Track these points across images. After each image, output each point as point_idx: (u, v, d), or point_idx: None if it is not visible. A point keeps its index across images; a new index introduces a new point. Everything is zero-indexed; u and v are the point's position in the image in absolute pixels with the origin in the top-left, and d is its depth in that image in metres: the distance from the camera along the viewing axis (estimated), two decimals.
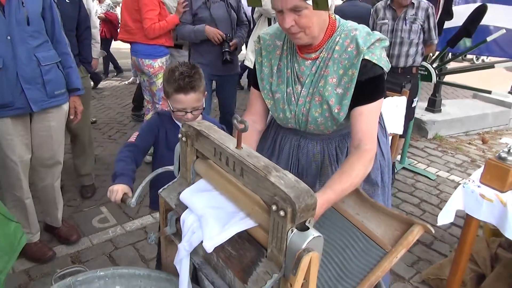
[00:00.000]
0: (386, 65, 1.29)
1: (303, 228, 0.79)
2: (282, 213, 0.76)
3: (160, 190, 1.11)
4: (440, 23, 3.49)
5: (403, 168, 3.78)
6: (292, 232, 0.78)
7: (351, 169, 1.19)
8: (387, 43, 1.31)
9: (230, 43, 3.15)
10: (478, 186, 1.81)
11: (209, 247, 0.90)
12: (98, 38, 3.19)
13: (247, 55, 3.61)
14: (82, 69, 2.77)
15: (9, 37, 1.87)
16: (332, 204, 1.15)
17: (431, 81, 3.60)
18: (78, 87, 2.24)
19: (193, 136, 1.02)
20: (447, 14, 3.42)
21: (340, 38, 1.31)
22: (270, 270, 0.82)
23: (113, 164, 1.50)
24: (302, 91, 1.37)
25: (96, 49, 3.15)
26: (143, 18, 3.15)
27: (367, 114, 1.29)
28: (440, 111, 4.92)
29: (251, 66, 3.68)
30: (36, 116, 2.09)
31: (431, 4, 3.12)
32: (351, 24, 1.33)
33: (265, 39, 1.44)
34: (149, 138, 1.62)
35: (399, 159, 3.86)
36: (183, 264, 1.02)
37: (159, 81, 3.32)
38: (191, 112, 1.53)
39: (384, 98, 1.38)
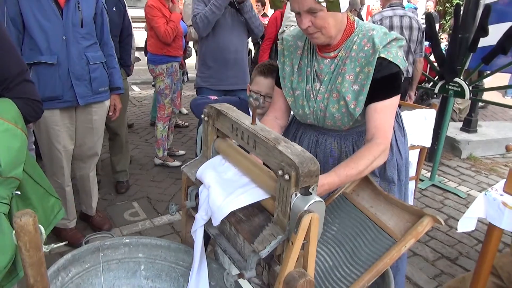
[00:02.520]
0: (402, 64, 1.35)
1: (307, 193, 0.86)
2: (287, 177, 0.84)
3: (183, 166, 1.21)
4: (475, 40, 3.48)
5: (433, 185, 3.72)
6: (295, 196, 0.85)
7: (360, 158, 1.25)
8: (403, 42, 1.38)
9: None
10: (501, 195, 1.80)
11: (215, 222, 1.00)
12: (134, 45, 3.43)
13: None
14: (122, 72, 2.98)
15: (64, 37, 2.09)
16: (335, 187, 1.21)
17: (464, 98, 3.55)
18: (120, 86, 2.45)
19: (214, 116, 1.12)
20: (483, 31, 3.39)
21: (358, 38, 1.39)
22: (275, 233, 0.89)
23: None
24: (321, 88, 1.45)
25: (131, 55, 3.39)
26: (155, 28, 3.48)
27: (381, 110, 1.35)
28: (475, 131, 4.81)
29: None
30: (80, 110, 2.29)
31: None
32: (369, 25, 1.41)
33: (287, 40, 1.54)
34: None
35: (429, 176, 3.81)
36: (197, 233, 1.11)
37: (158, 85, 3.72)
38: (264, 97, 1.75)
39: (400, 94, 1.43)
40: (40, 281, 0.69)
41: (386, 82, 1.35)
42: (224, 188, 1.03)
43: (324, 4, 1.25)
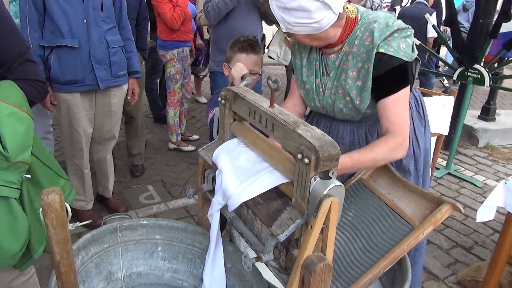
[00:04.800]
0: (407, 55, 1.28)
1: (326, 177, 0.86)
2: (306, 160, 0.83)
3: (200, 149, 1.21)
4: (497, 25, 3.38)
5: (448, 173, 3.67)
6: (315, 180, 0.85)
7: (374, 146, 1.23)
8: (408, 32, 1.30)
9: None
10: None
11: (229, 208, 1.00)
12: (148, 28, 3.42)
13: (272, 48, 3.67)
14: (138, 56, 2.98)
15: (85, 20, 2.10)
16: (347, 169, 1.19)
17: (484, 85, 3.47)
18: (138, 70, 2.46)
19: (231, 99, 1.11)
20: (505, 15, 3.29)
21: (360, 32, 1.33)
22: (293, 217, 0.89)
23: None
24: (328, 83, 1.43)
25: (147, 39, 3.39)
26: (161, 14, 3.43)
27: (391, 105, 1.30)
28: (494, 119, 4.70)
29: (275, 58, 3.71)
30: (100, 93, 2.31)
31: None
32: (372, 16, 1.34)
33: None
34: None
35: (444, 165, 3.76)
36: (214, 217, 1.12)
37: (168, 70, 3.68)
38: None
39: (411, 85, 1.40)
40: (66, 258, 0.70)
41: (391, 76, 1.29)
42: (236, 174, 1.03)
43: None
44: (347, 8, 1.33)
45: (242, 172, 1.04)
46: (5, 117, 1.16)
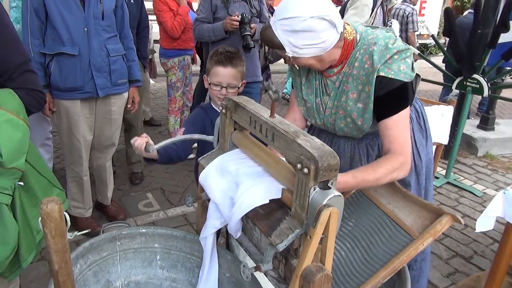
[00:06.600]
0: (407, 76, 1.29)
1: (325, 187, 0.86)
2: (306, 170, 0.83)
3: (200, 158, 1.22)
4: (495, 36, 3.40)
5: (448, 182, 3.67)
6: (314, 190, 0.85)
7: (378, 166, 1.22)
8: (408, 53, 1.30)
9: (251, 25, 2.69)
10: None
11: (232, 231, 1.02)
12: (151, 37, 3.47)
13: None
14: (139, 64, 3.00)
15: (86, 29, 2.12)
16: (350, 187, 1.18)
17: (482, 95, 3.48)
18: (138, 79, 2.48)
19: (232, 108, 1.12)
20: (504, 26, 3.31)
21: (360, 54, 1.34)
22: (292, 226, 0.89)
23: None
24: (328, 103, 1.44)
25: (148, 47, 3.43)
26: (162, 23, 3.49)
27: (392, 126, 1.31)
28: (493, 129, 4.71)
29: None
30: (100, 101, 2.32)
31: None
32: (372, 37, 1.34)
33: None
34: (195, 131, 1.66)
35: (444, 174, 3.76)
36: (207, 240, 1.12)
37: (169, 78, 3.73)
38: (226, 88, 1.63)
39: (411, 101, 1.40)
40: (64, 268, 0.70)
41: (390, 98, 1.30)
42: (225, 200, 1.04)
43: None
44: (345, 29, 1.33)
45: (231, 193, 1.04)
46: (1, 123, 1.18)
